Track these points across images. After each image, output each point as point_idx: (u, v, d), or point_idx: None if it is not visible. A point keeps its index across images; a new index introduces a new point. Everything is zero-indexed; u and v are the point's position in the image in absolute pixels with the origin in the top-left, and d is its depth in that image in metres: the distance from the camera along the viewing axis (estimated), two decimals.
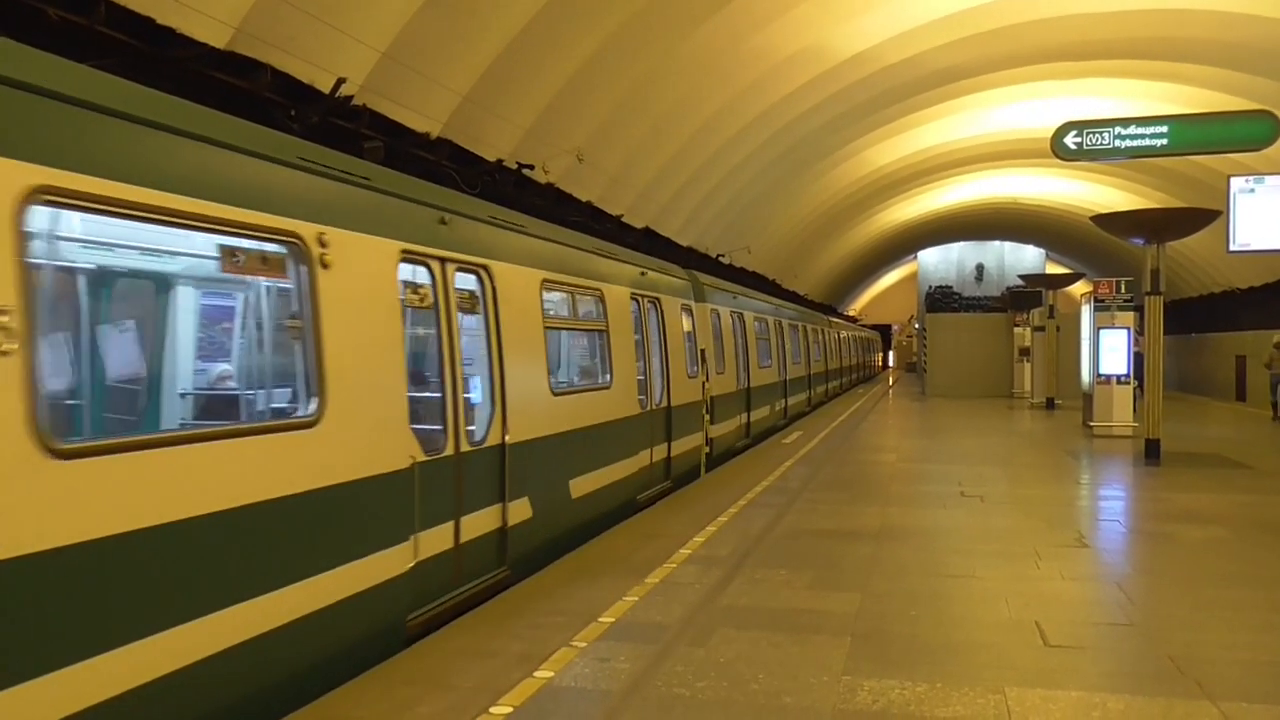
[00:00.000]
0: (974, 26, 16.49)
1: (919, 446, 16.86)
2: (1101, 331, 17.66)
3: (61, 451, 3.51)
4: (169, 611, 3.97)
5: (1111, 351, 17.56)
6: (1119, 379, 17.46)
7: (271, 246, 4.87)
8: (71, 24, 6.65)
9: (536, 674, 4.92)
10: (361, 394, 5.28)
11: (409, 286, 6.06)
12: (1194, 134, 13.68)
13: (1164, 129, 13.64)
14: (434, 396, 6.34)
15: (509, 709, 4.49)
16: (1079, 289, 34.73)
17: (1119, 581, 7.02)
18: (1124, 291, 18.75)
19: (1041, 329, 25.29)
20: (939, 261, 49.50)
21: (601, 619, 5.85)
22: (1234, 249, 14.78)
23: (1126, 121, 13.91)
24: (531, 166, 13.11)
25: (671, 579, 6.86)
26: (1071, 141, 13.77)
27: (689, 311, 12.86)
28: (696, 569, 7.16)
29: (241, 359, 6.32)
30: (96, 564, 3.64)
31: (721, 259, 24.15)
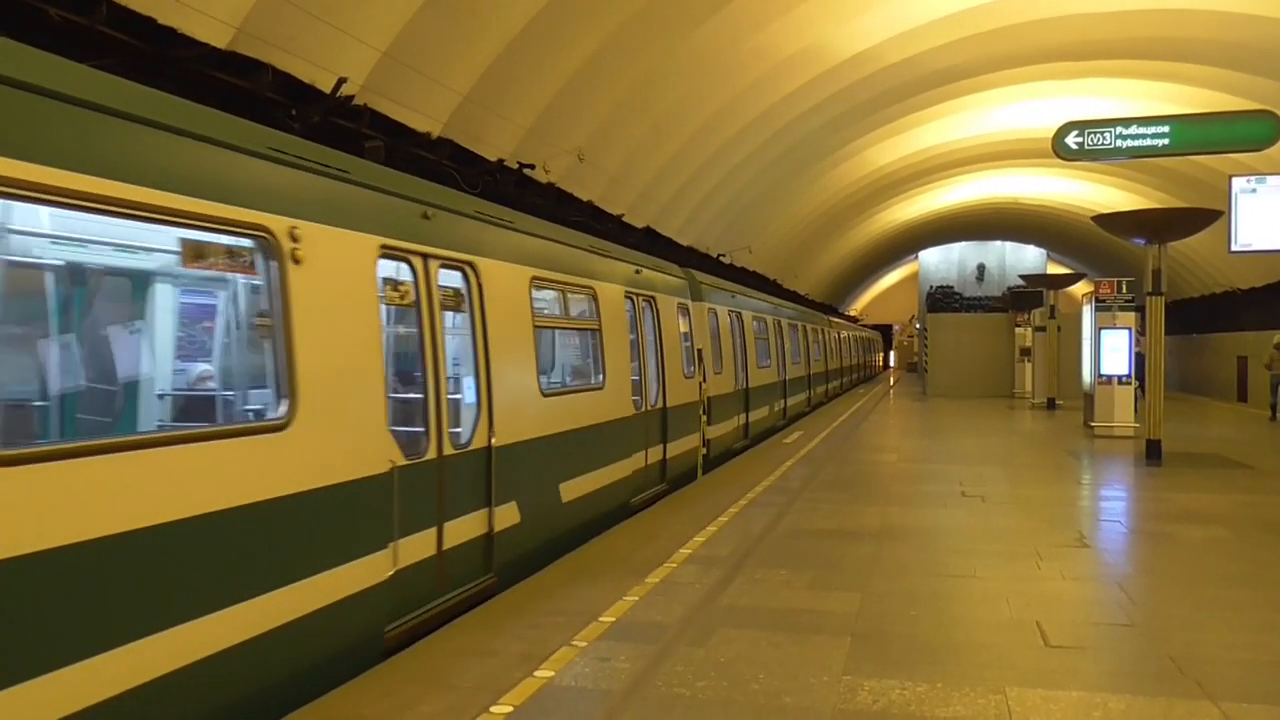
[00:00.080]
0: (974, 26, 16.49)
1: (920, 446, 16.85)
2: (1103, 332, 17.66)
3: (2, 458, 3.33)
4: (121, 627, 3.75)
5: (1113, 352, 17.57)
6: (1120, 379, 17.46)
7: (238, 241, 4.64)
8: (73, 24, 6.65)
9: (537, 673, 4.93)
10: (336, 396, 5.05)
11: (389, 283, 5.82)
12: (1195, 134, 13.68)
13: (1165, 129, 13.64)
14: (415, 398, 6.12)
15: (509, 708, 4.49)
16: (1080, 289, 34.71)
17: (1120, 582, 7.02)
18: (1125, 292, 18.76)
19: (1042, 329, 25.29)
20: (940, 261, 49.55)
21: (602, 619, 5.85)
22: (1235, 249, 14.79)
23: (1128, 121, 13.90)
24: (532, 166, 13.11)
25: (672, 579, 6.86)
26: (1073, 141, 13.77)
27: (685, 310, 12.66)
28: (697, 569, 7.16)
29: (204, 359, 5.98)
30: (40, 579, 3.43)
31: (722, 259, 24.15)
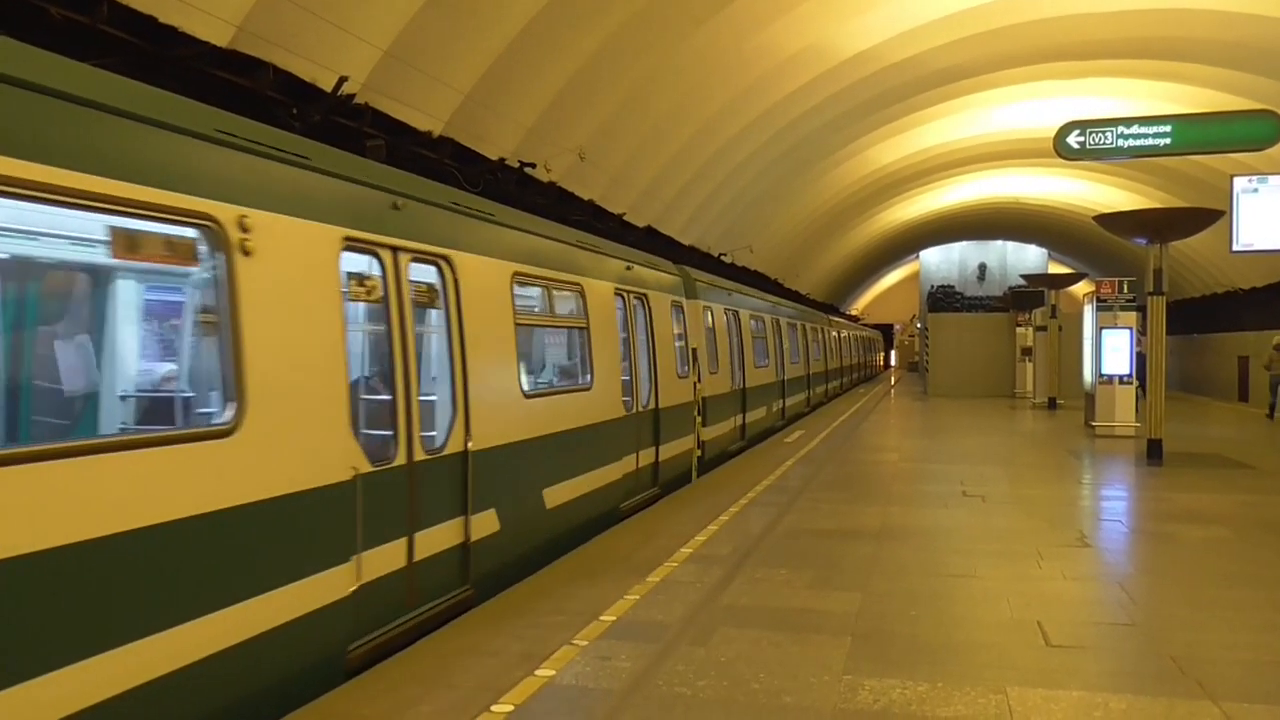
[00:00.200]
0: (976, 26, 16.50)
1: (921, 446, 16.84)
2: (1104, 331, 17.65)
3: None
4: (36, 657, 3.36)
5: (1114, 351, 17.56)
6: (1121, 379, 17.45)
7: (178, 230, 4.22)
8: (74, 23, 6.66)
9: (538, 673, 4.93)
10: (291, 398, 4.68)
11: (354, 278, 5.44)
12: (1197, 133, 13.67)
13: (1167, 128, 13.63)
14: (383, 400, 5.76)
15: (510, 707, 4.49)
16: (1081, 289, 34.65)
17: (1121, 581, 7.02)
18: (1126, 291, 18.74)
19: (1044, 329, 25.28)
20: (941, 261, 49.55)
21: (602, 618, 5.85)
22: (1237, 249, 14.79)
23: (1129, 121, 13.90)
24: (533, 165, 13.12)
25: (672, 578, 6.86)
26: (1074, 141, 13.76)
27: (680, 309, 12.36)
28: (697, 568, 7.16)
29: (136, 359, 5.49)
30: None
31: (723, 258, 24.15)
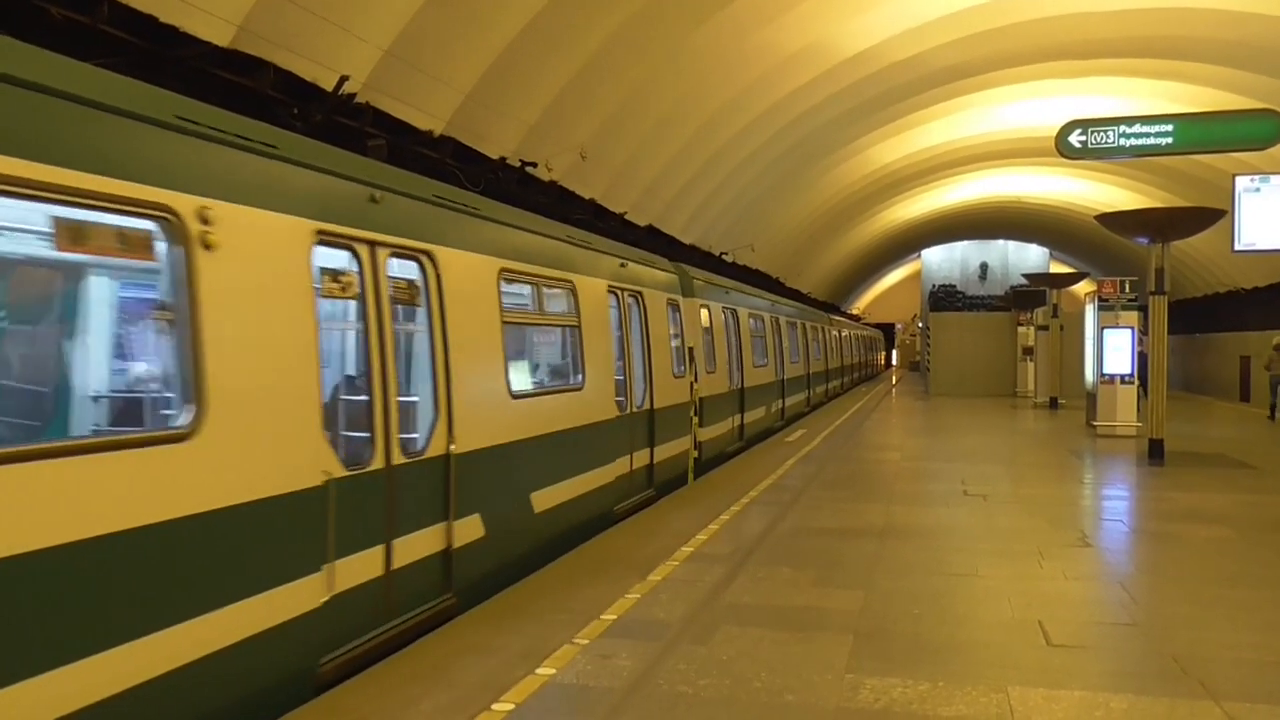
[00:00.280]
0: (978, 24, 16.49)
1: (922, 445, 16.84)
2: (1105, 331, 17.64)
3: None
4: None
5: (1115, 351, 17.55)
6: (1123, 379, 17.44)
7: (131, 221, 4.00)
8: (74, 23, 6.66)
9: (539, 671, 4.92)
10: (257, 399, 4.46)
11: (328, 274, 5.22)
12: (1199, 133, 13.66)
13: (1169, 128, 13.62)
14: (360, 401, 5.55)
15: (511, 705, 4.49)
16: (1083, 288, 34.62)
17: (1122, 581, 7.01)
18: (1128, 291, 18.74)
19: (1045, 328, 25.27)
20: (943, 260, 49.54)
21: (604, 616, 5.85)
22: (1239, 248, 14.79)
23: (1131, 120, 13.89)
24: (535, 164, 13.11)
25: (674, 577, 6.86)
26: (1076, 140, 13.76)
27: (675, 307, 12.11)
28: (699, 566, 7.16)
29: (84, 360, 5.18)
30: None
31: (725, 257, 24.15)
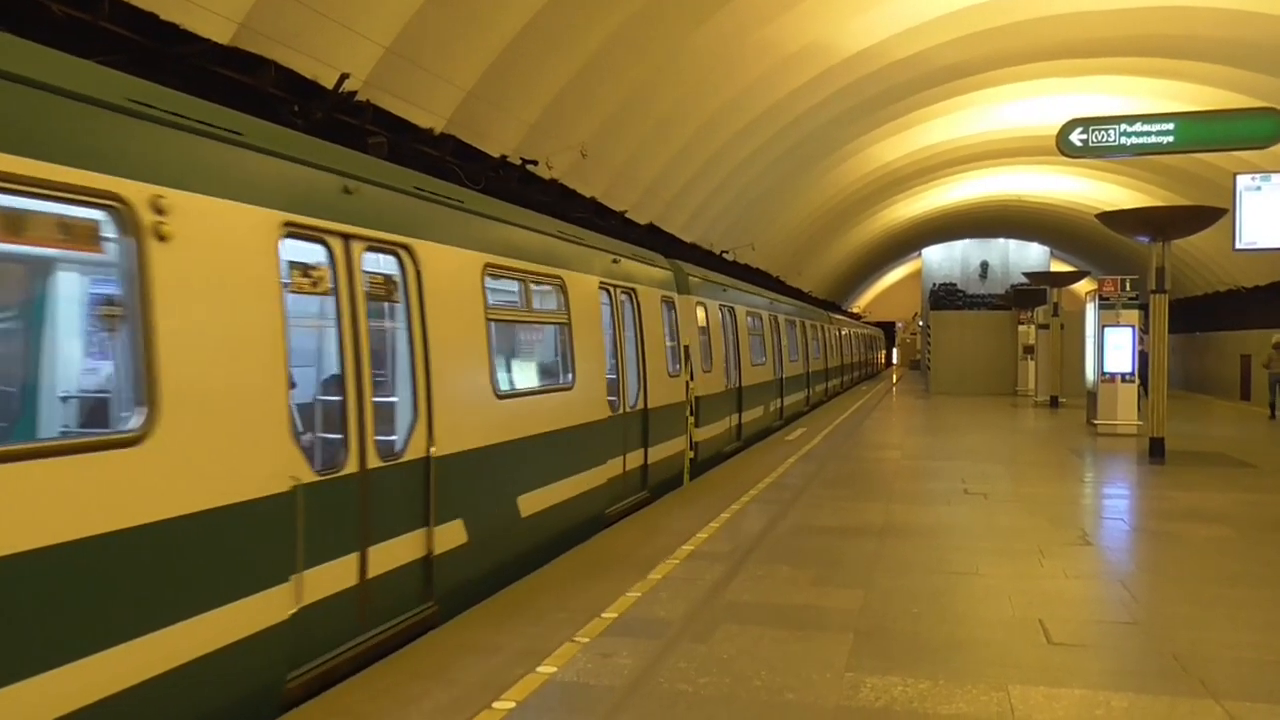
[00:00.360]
0: (980, 23, 16.47)
1: (923, 443, 16.84)
2: (1106, 329, 17.64)
3: None
4: None
5: (1116, 350, 17.56)
6: (1124, 377, 17.44)
7: (76, 210, 3.78)
8: (75, 20, 6.66)
9: (539, 669, 4.93)
10: (216, 401, 4.20)
11: (297, 268, 4.98)
12: (1200, 131, 13.65)
13: (1170, 126, 13.61)
14: (332, 402, 5.33)
15: (511, 704, 4.49)
16: (1084, 287, 34.60)
17: (1123, 579, 7.01)
18: (1129, 289, 18.74)
19: (1046, 327, 25.26)
20: (943, 259, 49.54)
21: (604, 615, 5.86)
22: (1240, 247, 14.76)
23: (1132, 119, 13.87)
24: (535, 162, 13.11)
25: (674, 575, 6.86)
26: (1077, 138, 13.74)
27: (671, 304, 11.86)
28: (699, 565, 7.16)
29: (22, 358, 4.90)
30: None
31: (726, 256, 24.14)
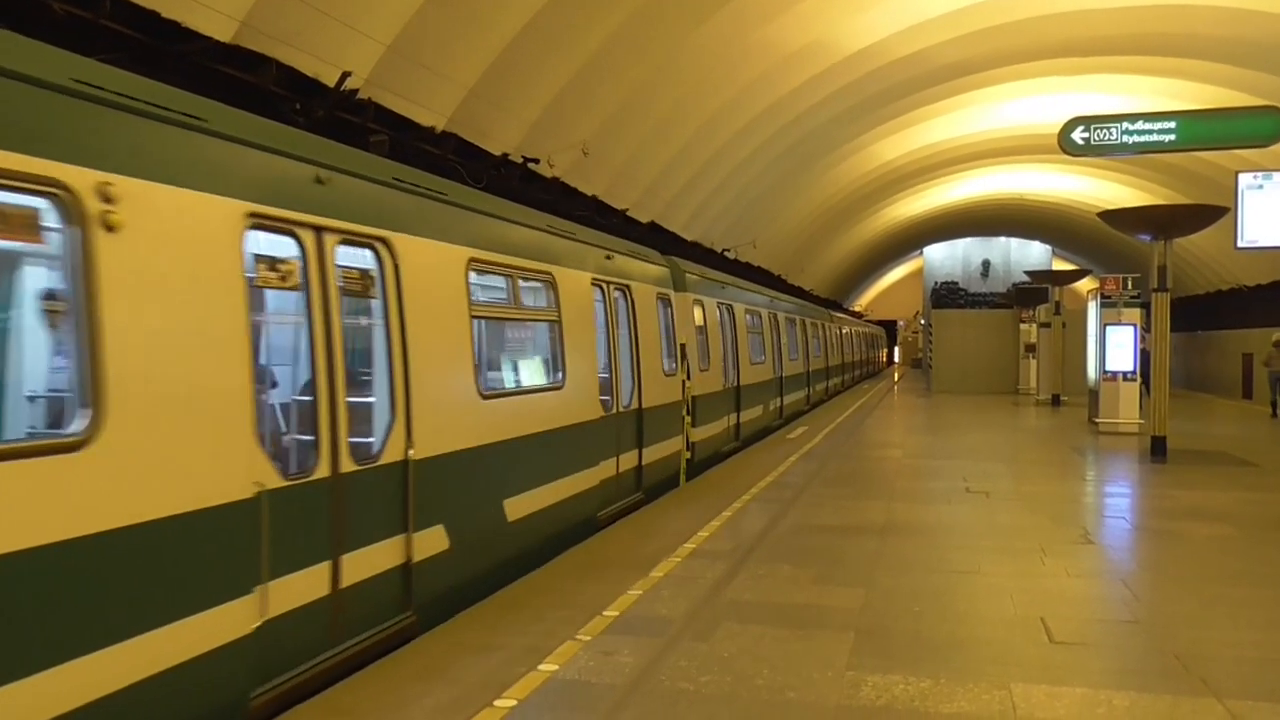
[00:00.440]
0: (981, 21, 16.46)
1: (924, 442, 16.83)
2: (1108, 328, 17.64)
3: None
4: None
5: (1118, 348, 17.56)
6: (1125, 376, 17.43)
7: (11, 197, 3.52)
8: (77, 18, 6.66)
9: (541, 667, 4.93)
10: (170, 402, 3.96)
11: (264, 261, 4.76)
12: (1202, 130, 13.64)
13: (1172, 125, 13.60)
14: (302, 403, 5.09)
15: (513, 702, 4.49)
16: (1085, 285, 34.63)
17: (1124, 578, 7.01)
18: (1131, 288, 18.73)
19: (1047, 325, 25.25)
20: (945, 257, 49.54)
21: (606, 613, 5.86)
22: (1241, 246, 14.73)
23: (1134, 117, 13.87)
24: (537, 161, 13.11)
25: (676, 574, 6.86)
26: (1079, 137, 13.74)
27: (667, 302, 11.62)
28: (701, 564, 7.16)
29: None
30: None
31: (727, 254, 24.14)
